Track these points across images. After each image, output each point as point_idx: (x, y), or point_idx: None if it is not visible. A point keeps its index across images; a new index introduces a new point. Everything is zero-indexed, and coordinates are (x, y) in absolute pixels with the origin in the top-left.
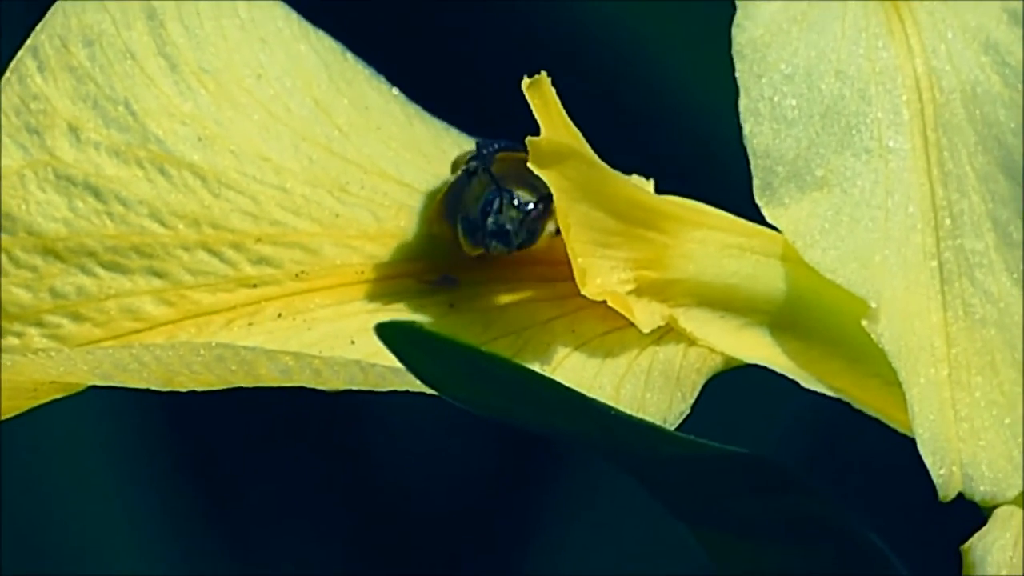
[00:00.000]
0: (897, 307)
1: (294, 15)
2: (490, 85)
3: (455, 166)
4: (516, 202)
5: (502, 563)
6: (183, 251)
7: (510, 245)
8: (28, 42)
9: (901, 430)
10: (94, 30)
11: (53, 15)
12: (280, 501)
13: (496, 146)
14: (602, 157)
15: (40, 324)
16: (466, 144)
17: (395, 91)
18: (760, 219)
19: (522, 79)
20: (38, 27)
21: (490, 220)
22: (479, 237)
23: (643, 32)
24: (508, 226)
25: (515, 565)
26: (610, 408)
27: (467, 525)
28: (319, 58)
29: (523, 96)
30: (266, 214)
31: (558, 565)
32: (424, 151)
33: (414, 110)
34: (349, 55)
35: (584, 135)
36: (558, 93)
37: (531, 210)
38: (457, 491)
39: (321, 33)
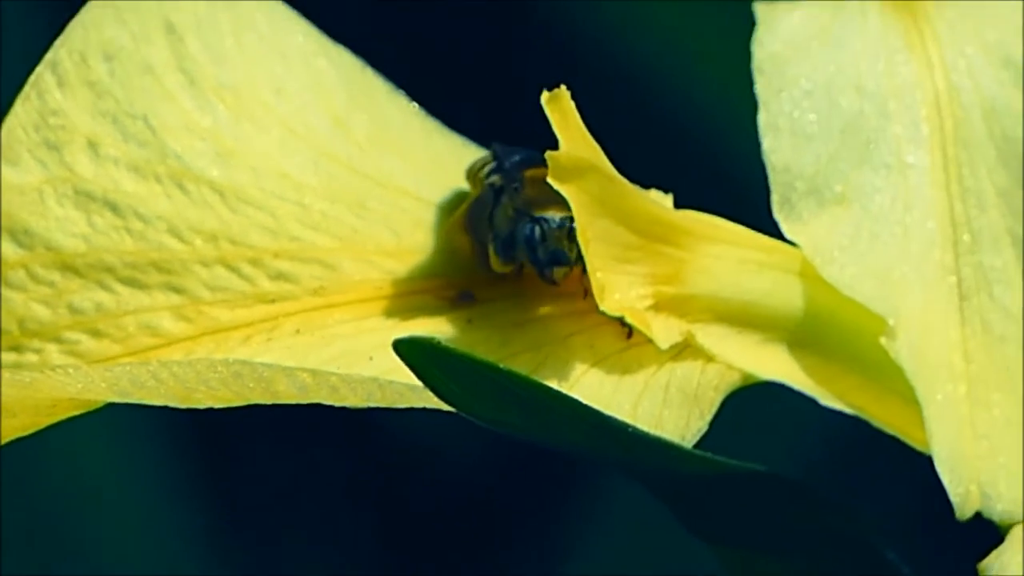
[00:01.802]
0: (915, 324)
1: (314, 30)
2: (509, 98)
3: (470, 173)
4: (558, 223)
5: (517, 566)
6: (201, 267)
7: (570, 262)
8: (47, 56)
9: (919, 448)
10: (113, 45)
11: (72, 30)
12: (291, 501)
13: (516, 157)
14: (621, 171)
15: (59, 340)
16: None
17: (414, 106)
18: (779, 234)
19: (542, 91)
20: (57, 42)
21: (540, 251)
22: (536, 264)
23: (662, 45)
24: (560, 247)
25: (530, 568)
26: (628, 425)
27: (480, 528)
28: (338, 73)
29: (542, 108)
30: (284, 230)
31: (572, 570)
32: (444, 166)
33: (434, 125)
34: (369, 70)
35: (603, 149)
36: (577, 107)
37: (572, 225)
38: (471, 495)
39: (341, 48)
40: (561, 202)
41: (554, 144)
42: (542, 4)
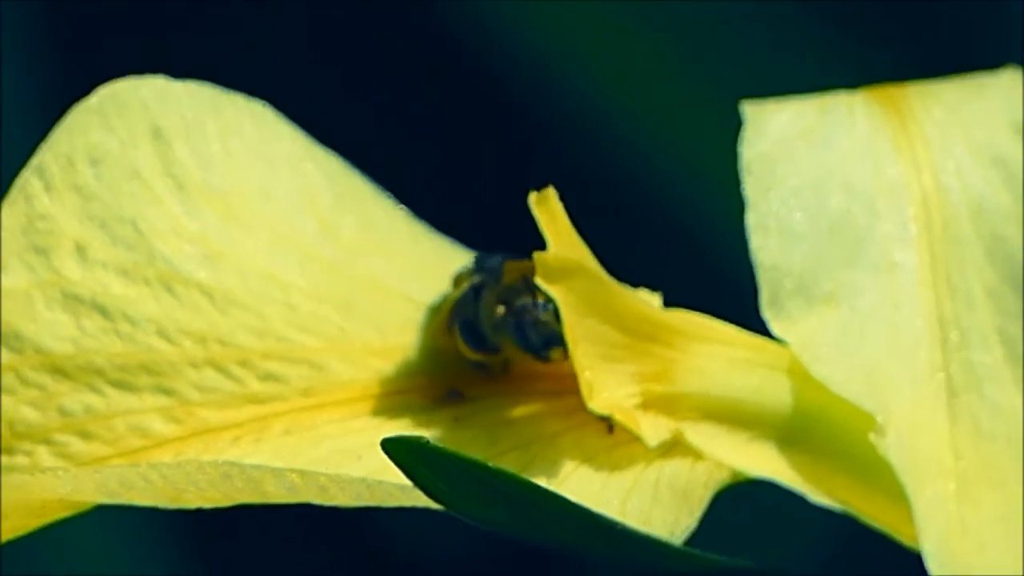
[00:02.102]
0: (904, 421)
1: (300, 134)
2: (498, 196)
3: (455, 281)
4: (544, 305)
5: None
6: (191, 368)
7: (563, 343)
8: (33, 161)
9: (909, 544)
10: (100, 149)
11: (58, 134)
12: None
13: (498, 258)
14: (609, 271)
15: (49, 442)
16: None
17: (401, 209)
18: (767, 333)
19: (528, 192)
20: (43, 146)
21: (532, 335)
22: (531, 350)
23: (651, 145)
24: (551, 328)
25: None
26: (617, 523)
27: None
28: (325, 177)
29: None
30: (273, 331)
31: None
32: (430, 268)
33: (420, 227)
34: (355, 173)
35: (591, 249)
36: (565, 206)
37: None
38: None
39: (327, 151)
40: (540, 288)
41: (541, 243)
42: (528, 97)
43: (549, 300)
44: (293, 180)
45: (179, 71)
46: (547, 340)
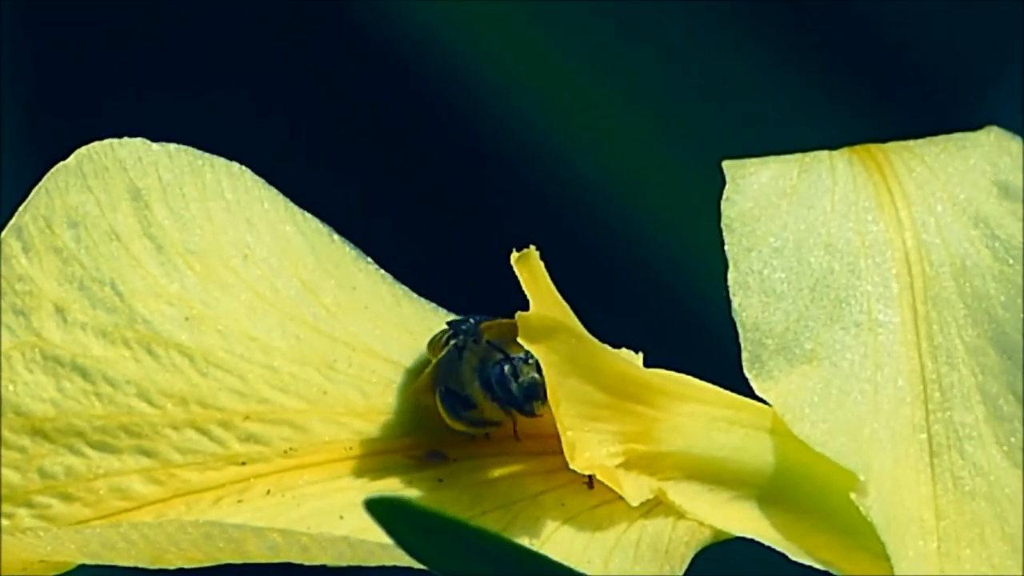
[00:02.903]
0: (886, 480)
1: (280, 196)
2: (479, 257)
3: (431, 344)
4: (524, 357)
5: None
6: (171, 430)
7: (544, 396)
8: (11, 222)
9: None
10: (79, 211)
11: (36, 196)
12: None
13: (472, 320)
14: (591, 331)
15: (29, 504)
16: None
17: (382, 272)
18: (749, 392)
19: (511, 250)
20: (21, 208)
21: (513, 387)
22: (504, 404)
23: (632, 205)
24: (533, 380)
25: None
26: None
27: None
28: (305, 239)
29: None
30: (254, 392)
31: None
32: (411, 330)
33: (401, 290)
34: (336, 236)
35: (572, 308)
36: (546, 266)
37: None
38: None
39: (307, 214)
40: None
41: (522, 303)
42: (510, 156)
43: (529, 354)
44: (273, 242)
45: (158, 133)
46: (529, 393)
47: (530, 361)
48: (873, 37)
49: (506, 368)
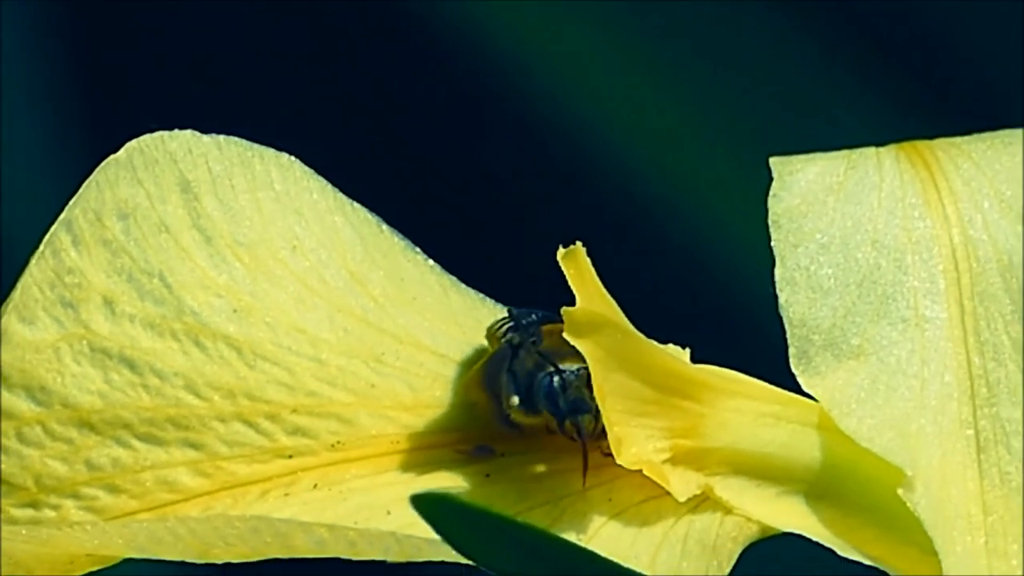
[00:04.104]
0: (933, 475)
1: (329, 187)
2: (525, 251)
3: (489, 332)
4: (576, 372)
5: None
6: (219, 423)
7: (591, 410)
8: (62, 216)
9: None
10: (128, 204)
11: (87, 189)
12: None
13: (534, 316)
14: (638, 326)
15: (76, 496)
16: (501, 314)
17: (430, 262)
18: (796, 388)
19: (558, 246)
20: (72, 201)
21: (561, 400)
22: (558, 415)
23: (680, 201)
24: (580, 396)
25: None
26: None
27: None
28: (354, 230)
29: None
30: (302, 385)
31: None
32: (459, 322)
33: (449, 281)
34: (384, 227)
35: (619, 304)
36: (594, 262)
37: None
38: None
39: (356, 205)
40: (578, 354)
41: (570, 299)
42: (559, 151)
43: (583, 368)
44: (322, 232)
45: (207, 125)
46: (575, 407)
47: (582, 376)
48: (921, 32)
49: (556, 380)
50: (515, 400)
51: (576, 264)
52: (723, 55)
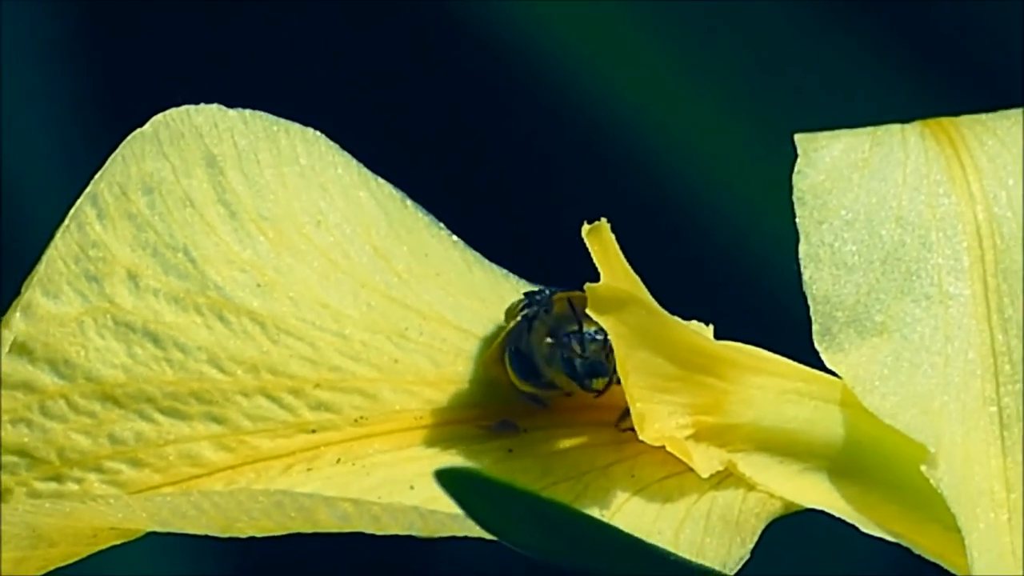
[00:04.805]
0: (956, 452)
1: (353, 162)
2: (549, 228)
3: (508, 312)
4: (592, 335)
5: None
6: (242, 397)
7: (609, 373)
8: (87, 190)
9: (961, 575)
10: (154, 178)
11: (113, 163)
12: None
13: (548, 291)
14: (661, 303)
15: (99, 470)
16: (525, 289)
17: (454, 238)
18: (819, 364)
19: (582, 221)
20: (98, 175)
21: (578, 363)
22: (576, 378)
23: (704, 178)
24: (598, 358)
25: None
26: (669, 553)
27: None
28: (378, 205)
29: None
30: (325, 360)
31: None
32: (483, 297)
33: (473, 256)
34: (409, 202)
35: (643, 280)
36: (618, 238)
37: (606, 337)
38: None
39: (381, 180)
40: (590, 317)
41: (594, 275)
42: (583, 129)
43: (598, 330)
44: (346, 208)
45: (233, 100)
46: (592, 370)
47: (597, 337)
48: (946, 9)
49: (573, 343)
50: (516, 376)
51: (600, 240)
52: (746, 37)
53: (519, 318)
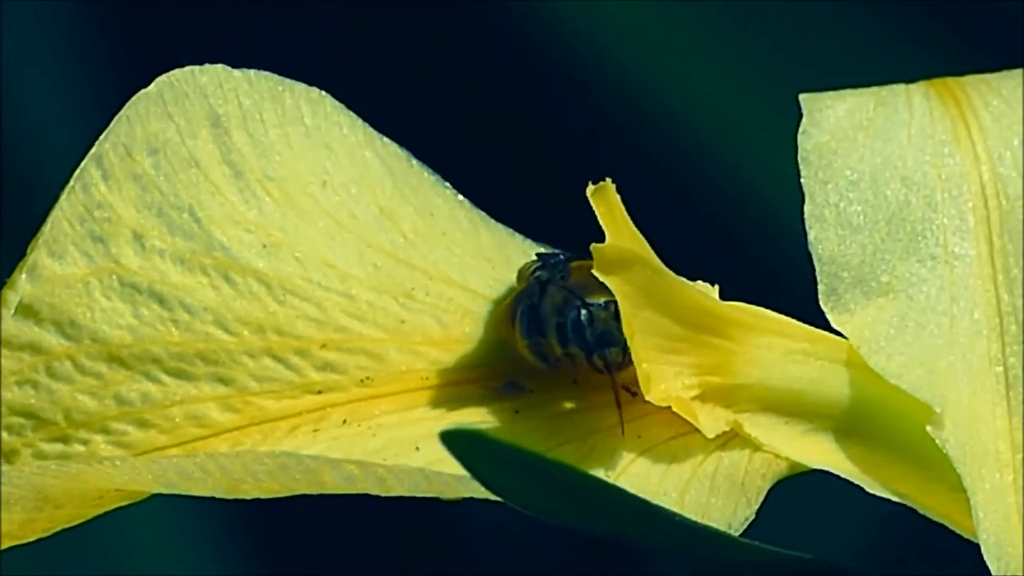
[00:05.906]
0: (962, 413)
1: (359, 122)
2: (555, 189)
3: (519, 274)
4: (604, 305)
5: None
6: (248, 358)
7: (619, 343)
8: (92, 151)
9: (966, 535)
10: (159, 139)
11: (117, 123)
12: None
13: (562, 256)
14: (667, 263)
15: (105, 431)
16: (531, 250)
17: (460, 197)
18: (826, 325)
19: (588, 182)
20: (102, 136)
21: (588, 333)
22: (586, 348)
23: (709, 139)
24: (608, 328)
25: None
26: (675, 514)
27: None
28: (384, 165)
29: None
30: (331, 320)
31: None
32: (489, 257)
33: (479, 216)
34: (415, 161)
35: (648, 241)
36: (622, 198)
37: (618, 307)
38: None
39: (386, 140)
40: (606, 288)
41: (599, 235)
42: (588, 90)
43: (610, 301)
44: (352, 167)
45: (238, 60)
46: (602, 340)
47: (610, 309)
48: None
49: (584, 313)
50: (523, 339)
51: (606, 201)
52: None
53: (531, 280)
